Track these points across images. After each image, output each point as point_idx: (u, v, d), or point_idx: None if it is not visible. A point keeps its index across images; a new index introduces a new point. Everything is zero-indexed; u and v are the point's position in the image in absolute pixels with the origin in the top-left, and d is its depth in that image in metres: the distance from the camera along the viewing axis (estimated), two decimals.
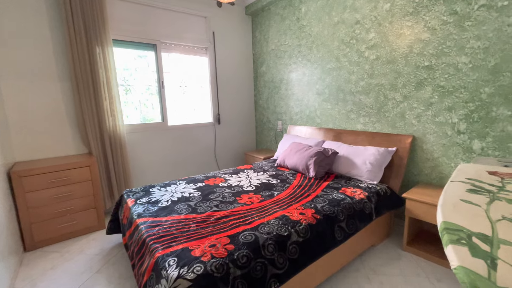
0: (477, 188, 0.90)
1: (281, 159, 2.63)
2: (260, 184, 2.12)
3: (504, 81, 1.64)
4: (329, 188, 1.99)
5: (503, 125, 1.67)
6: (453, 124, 1.90)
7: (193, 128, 3.38)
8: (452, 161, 1.93)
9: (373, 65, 2.32)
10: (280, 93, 3.44)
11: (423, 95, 2.03)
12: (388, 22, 2.17)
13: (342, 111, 2.68)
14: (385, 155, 2.14)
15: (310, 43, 2.90)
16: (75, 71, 2.37)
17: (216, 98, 3.52)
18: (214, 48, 3.41)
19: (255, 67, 3.81)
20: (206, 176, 2.38)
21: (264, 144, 3.91)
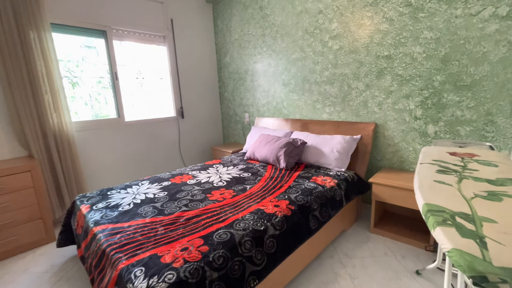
0: (444, 168, 0.94)
1: (250, 152, 2.57)
2: (231, 178, 2.04)
3: (453, 69, 1.78)
4: (301, 178, 1.99)
5: (453, 110, 1.83)
6: (410, 110, 2.02)
7: (154, 123, 3.14)
8: (410, 146, 2.07)
9: (337, 55, 2.37)
10: (246, 85, 3.36)
11: (384, 84, 2.12)
12: (349, 12, 2.21)
13: (308, 101, 2.70)
14: (351, 143, 2.21)
15: (274, 32, 2.85)
16: (3, 60, 1.99)
17: (178, 90, 3.30)
18: (173, 37, 3.17)
19: (219, 57, 3.66)
20: (171, 174, 2.21)
21: (231, 138, 3.82)
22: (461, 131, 1.81)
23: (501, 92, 1.63)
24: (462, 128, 1.80)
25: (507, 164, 0.95)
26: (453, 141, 1.46)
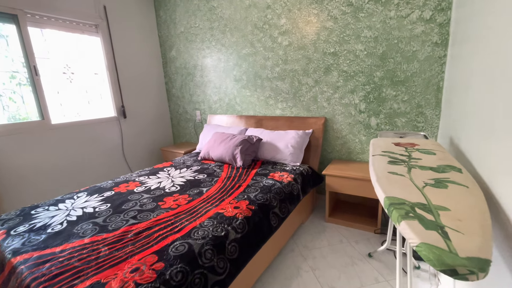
0: (394, 159, 0.99)
1: (205, 151, 2.44)
2: (185, 182, 1.90)
3: (390, 66, 1.95)
4: (258, 175, 1.96)
5: (391, 103, 2.01)
6: (355, 104, 2.16)
7: (90, 125, 2.74)
8: (357, 137, 2.22)
9: (286, 51, 2.39)
10: (195, 81, 3.18)
11: (331, 80, 2.23)
12: (297, 9, 2.25)
13: (261, 97, 2.69)
14: (304, 137, 2.27)
15: (223, 26, 2.74)
16: None
17: (117, 87, 2.95)
18: (108, 26, 2.80)
19: (163, 51, 3.39)
20: (115, 183, 1.96)
21: (183, 137, 3.60)
22: (398, 122, 2.01)
23: (427, 87, 1.85)
24: (399, 119, 2.00)
25: (442, 152, 1.05)
26: (394, 132, 1.60)
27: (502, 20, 0.92)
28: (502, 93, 0.88)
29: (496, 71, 0.95)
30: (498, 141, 0.85)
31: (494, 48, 1.00)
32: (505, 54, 0.91)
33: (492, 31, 1.04)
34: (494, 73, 0.98)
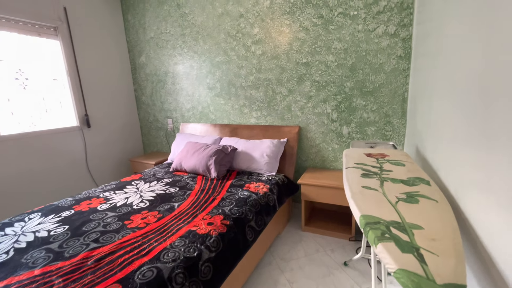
0: (366, 171, 1.00)
1: (177, 162, 2.33)
2: (155, 197, 1.78)
3: (359, 77, 2.03)
4: (233, 187, 1.91)
5: (361, 113, 2.08)
6: (328, 114, 2.21)
7: (48, 135, 2.50)
8: (330, 146, 2.27)
9: (260, 60, 2.39)
10: (166, 88, 3.06)
11: (304, 89, 2.26)
12: (269, 19, 2.26)
13: (236, 106, 2.65)
14: (279, 146, 2.27)
15: (195, 33, 2.68)
16: None
17: (80, 94, 2.73)
18: (69, 29, 2.60)
19: (132, 57, 3.22)
20: (75, 200, 1.78)
21: (153, 147, 3.43)
22: (368, 131, 2.08)
23: (394, 97, 1.94)
24: (369, 128, 2.08)
25: (411, 163, 1.09)
26: (365, 141, 1.64)
27: (453, 39, 0.99)
28: (456, 104, 0.93)
29: (448, 83, 1.01)
30: (458, 152, 0.90)
31: (448, 63, 1.06)
32: (455, 70, 0.97)
33: (445, 47, 1.11)
34: (447, 85, 1.04)
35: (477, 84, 0.78)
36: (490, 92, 0.70)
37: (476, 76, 0.80)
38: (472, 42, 0.85)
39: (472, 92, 0.82)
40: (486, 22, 0.76)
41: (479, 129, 0.74)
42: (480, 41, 0.79)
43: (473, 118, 0.78)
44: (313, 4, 2.06)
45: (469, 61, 0.87)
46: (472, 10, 0.87)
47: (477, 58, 0.80)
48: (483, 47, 0.77)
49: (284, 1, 2.17)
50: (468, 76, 0.87)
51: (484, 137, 0.70)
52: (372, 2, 1.88)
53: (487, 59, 0.73)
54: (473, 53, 0.83)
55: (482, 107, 0.73)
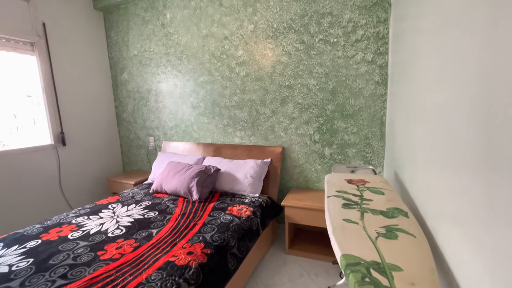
0: (347, 201, 1.01)
1: (157, 183, 2.26)
2: (132, 222, 1.69)
3: (340, 100, 2.10)
4: (216, 210, 1.86)
5: (342, 135, 2.13)
6: (310, 135, 2.25)
7: (18, 154, 2.35)
8: (312, 166, 2.29)
9: (244, 81, 2.42)
10: (149, 105, 3.01)
11: (287, 111, 2.29)
12: (253, 42, 2.32)
13: (219, 125, 2.64)
14: (263, 167, 2.26)
15: (179, 52, 2.69)
16: None
17: (55, 111, 2.62)
18: (47, 45, 2.52)
19: (114, 73, 3.16)
20: (44, 227, 1.66)
21: (134, 165, 3.31)
22: (349, 152, 2.13)
23: (373, 120, 2.01)
24: (350, 150, 2.12)
25: (390, 191, 1.11)
26: (346, 165, 1.68)
27: (422, 69, 1.05)
28: (429, 131, 0.97)
29: (420, 111, 1.06)
30: (434, 181, 0.93)
31: (419, 91, 1.12)
32: (426, 98, 1.02)
33: (416, 76, 1.18)
34: (419, 113, 1.09)
35: (447, 114, 0.83)
36: (459, 121, 0.73)
37: (444, 106, 0.85)
38: (440, 74, 0.91)
39: (442, 122, 0.86)
40: (451, 55, 0.81)
41: (452, 157, 0.76)
42: (446, 73, 0.85)
43: (446, 146, 0.82)
44: (295, 30, 2.14)
45: (437, 93, 0.92)
46: (439, 44, 0.93)
47: (446, 90, 0.85)
48: (450, 78, 0.82)
49: (267, 26, 2.23)
50: (437, 106, 0.92)
51: (457, 165, 0.73)
52: (351, 30, 1.98)
53: (454, 91, 0.78)
54: (441, 84, 0.88)
55: (454, 135, 0.76)
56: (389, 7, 1.85)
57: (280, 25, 2.19)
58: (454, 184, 0.74)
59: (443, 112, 0.86)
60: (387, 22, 1.87)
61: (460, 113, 0.73)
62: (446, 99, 0.84)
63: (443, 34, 0.90)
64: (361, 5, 1.92)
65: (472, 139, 0.65)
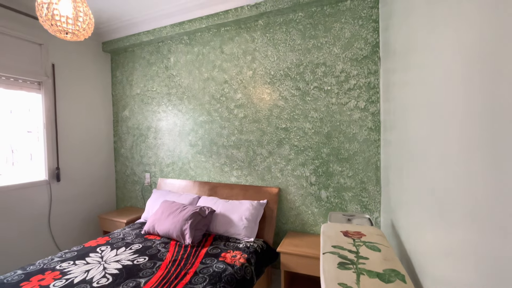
0: (343, 259, 0.98)
1: (149, 224, 2.19)
2: (120, 269, 1.61)
3: (335, 144, 2.14)
4: (209, 256, 1.79)
5: (338, 178, 2.14)
6: (306, 177, 2.26)
7: (9, 191, 2.31)
8: (309, 209, 2.26)
9: (242, 123, 2.49)
10: (147, 142, 3.04)
11: (283, 152, 2.33)
12: (252, 87, 2.43)
13: (216, 164, 2.65)
14: (259, 209, 2.22)
15: (180, 93, 2.80)
16: None
17: (54, 147, 2.63)
18: (54, 84, 2.63)
19: (116, 110, 3.25)
20: (25, 273, 1.57)
21: (127, 201, 3.24)
22: (345, 196, 2.12)
23: (368, 165, 2.04)
24: (346, 193, 2.12)
25: (386, 247, 1.09)
26: (342, 213, 1.66)
27: (410, 116, 1.10)
28: (422, 182, 0.98)
29: (411, 160, 1.09)
30: (429, 239, 0.92)
31: (410, 141, 1.15)
32: (416, 146, 1.05)
33: (404, 124, 1.23)
34: (411, 162, 1.11)
35: (438, 163, 0.84)
36: (453, 169, 0.74)
37: (433, 155, 0.87)
38: (428, 123, 0.95)
39: (436, 169, 0.87)
40: (437, 106, 0.86)
41: (449, 208, 0.76)
42: (434, 124, 0.88)
43: (442, 196, 0.81)
44: (291, 77, 2.27)
45: (427, 142, 0.95)
46: (424, 95, 0.98)
47: (434, 141, 0.88)
48: (437, 128, 0.85)
49: (265, 73, 2.37)
50: (427, 153, 0.94)
51: (456, 219, 0.72)
52: (343, 80, 2.10)
53: (447, 141, 0.80)
54: (429, 134, 0.92)
55: (451, 183, 0.76)
56: (378, 60, 1.98)
57: (277, 73, 2.32)
58: (454, 241, 0.72)
59: (434, 160, 0.88)
60: (377, 74, 1.99)
61: (452, 161, 0.74)
62: (435, 148, 0.87)
63: (428, 87, 0.96)
64: (353, 57, 2.06)
65: (474, 185, 0.61)
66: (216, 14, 2.43)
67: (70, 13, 1.22)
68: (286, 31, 2.28)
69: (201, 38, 2.66)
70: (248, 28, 2.43)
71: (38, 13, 1.22)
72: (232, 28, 2.50)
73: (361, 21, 2.03)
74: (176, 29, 2.64)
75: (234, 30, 2.50)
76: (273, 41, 2.33)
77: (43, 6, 1.17)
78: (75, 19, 1.27)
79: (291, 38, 2.26)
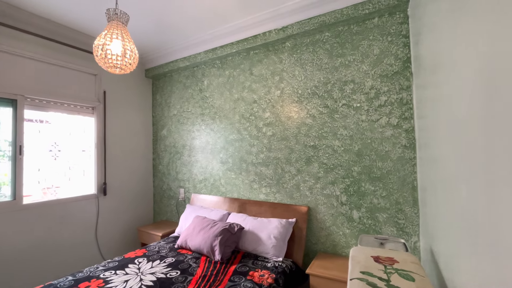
0: (372, 287, 0.94)
1: (182, 239, 2.30)
2: (155, 282, 1.71)
3: (366, 162, 2.07)
4: (237, 274, 1.81)
5: (370, 198, 2.05)
6: (336, 196, 2.19)
7: (66, 203, 2.61)
8: (340, 230, 2.17)
9: (270, 140, 2.54)
10: (182, 159, 3.24)
11: (312, 170, 2.31)
12: (280, 106, 2.49)
13: (246, 180, 2.71)
14: (287, 227, 2.20)
15: (213, 113, 2.97)
16: None
17: (102, 164, 2.94)
18: (104, 108, 2.98)
19: (155, 130, 3.55)
20: (75, 280, 1.75)
21: (163, 215, 3.43)
22: (379, 217, 2.01)
23: (403, 185, 1.92)
24: (380, 214, 2.01)
25: (421, 277, 1.02)
26: (374, 236, 1.58)
27: (444, 134, 1.03)
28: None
29: (444, 177, 1.01)
30: (474, 267, 0.84)
31: (439, 157, 1.08)
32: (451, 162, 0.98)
33: (435, 143, 1.15)
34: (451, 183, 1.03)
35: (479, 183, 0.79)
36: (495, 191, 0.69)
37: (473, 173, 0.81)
38: (456, 145, 0.89)
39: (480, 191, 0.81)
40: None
41: (489, 243, 0.70)
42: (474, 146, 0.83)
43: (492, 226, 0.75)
44: (319, 95, 2.28)
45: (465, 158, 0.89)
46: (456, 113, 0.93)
47: (478, 158, 0.82)
48: (483, 149, 0.80)
49: (292, 92, 2.42)
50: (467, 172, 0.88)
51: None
52: (373, 96, 2.05)
53: (488, 155, 0.75)
54: (473, 152, 0.86)
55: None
56: (410, 76, 1.92)
57: (304, 91, 2.36)
58: (502, 275, 0.66)
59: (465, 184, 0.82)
60: (410, 90, 1.92)
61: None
62: (468, 169, 0.81)
63: (453, 103, 0.91)
64: (383, 74, 2.02)
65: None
66: (245, 39, 2.58)
67: (119, 51, 1.42)
68: (313, 51, 2.33)
69: (232, 61, 2.83)
70: (276, 50, 2.53)
71: (94, 53, 1.44)
72: (260, 51, 2.63)
73: (390, 37, 2.00)
74: (209, 55, 2.85)
75: (262, 52, 2.62)
76: (300, 61, 2.39)
77: (98, 47, 1.39)
78: (123, 55, 1.47)
79: (318, 58, 2.30)
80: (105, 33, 1.45)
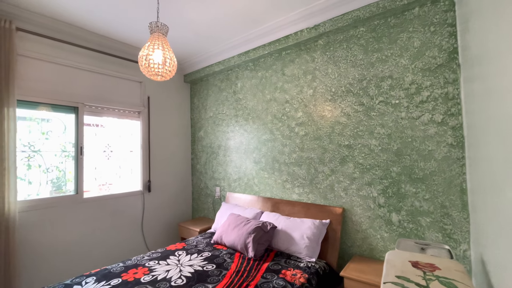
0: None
1: (218, 235, 2.41)
2: (192, 273, 1.83)
3: (406, 162, 1.94)
4: (269, 271, 1.84)
5: (412, 200, 1.92)
6: (374, 198, 2.10)
7: (117, 198, 2.92)
8: (378, 233, 2.07)
9: (303, 140, 2.52)
10: (218, 159, 3.38)
11: (347, 170, 2.24)
12: (312, 105, 2.46)
13: (278, 180, 2.73)
14: (321, 228, 2.17)
15: (246, 114, 3.05)
16: None
17: (147, 163, 3.22)
18: (148, 112, 3.26)
19: (193, 131, 3.76)
20: (125, 266, 1.95)
21: (201, 212, 3.62)
22: (422, 221, 1.87)
23: (450, 187, 1.76)
24: (423, 218, 1.87)
25: (466, 285, 0.94)
26: (415, 241, 1.48)
27: (500, 129, 0.93)
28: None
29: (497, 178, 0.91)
30: None
31: (490, 157, 0.97)
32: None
33: (484, 141, 1.04)
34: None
35: None
36: None
37: None
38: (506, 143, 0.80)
39: None
40: None
41: None
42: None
43: None
44: (353, 93, 2.21)
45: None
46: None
47: None
48: None
49: (325, 91, 2.37)
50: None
51: None
52: (414, 92, 1.92)
53: None
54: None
55: None
56: (457, 68, 1.75)
57: (338, 89, 2.30)
58: None
59: None
60: (457, 83, 1.75)
61: None
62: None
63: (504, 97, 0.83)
64: (424, 67, 1.88)
65: None
66: (277, 40, 2.61)
67: (160, 60, 1.56)
68: (347, 48, 2.26)
69: (264, 63, 2.88)
70: (308, 49, 2.51)
71: (139, 63, 1.61)
72: (292, 50, 2.63)
73: (433, 27, 1.85)
74: (242, 58, 2.94)
75: (294, 52, 2.61)
76: (334, 58, 2.33)
77: (142, 57, 1.55)
78: (164, 64, 1.61)
79: (352, 54, 2.23)
80: (148, 44, 1.61)
